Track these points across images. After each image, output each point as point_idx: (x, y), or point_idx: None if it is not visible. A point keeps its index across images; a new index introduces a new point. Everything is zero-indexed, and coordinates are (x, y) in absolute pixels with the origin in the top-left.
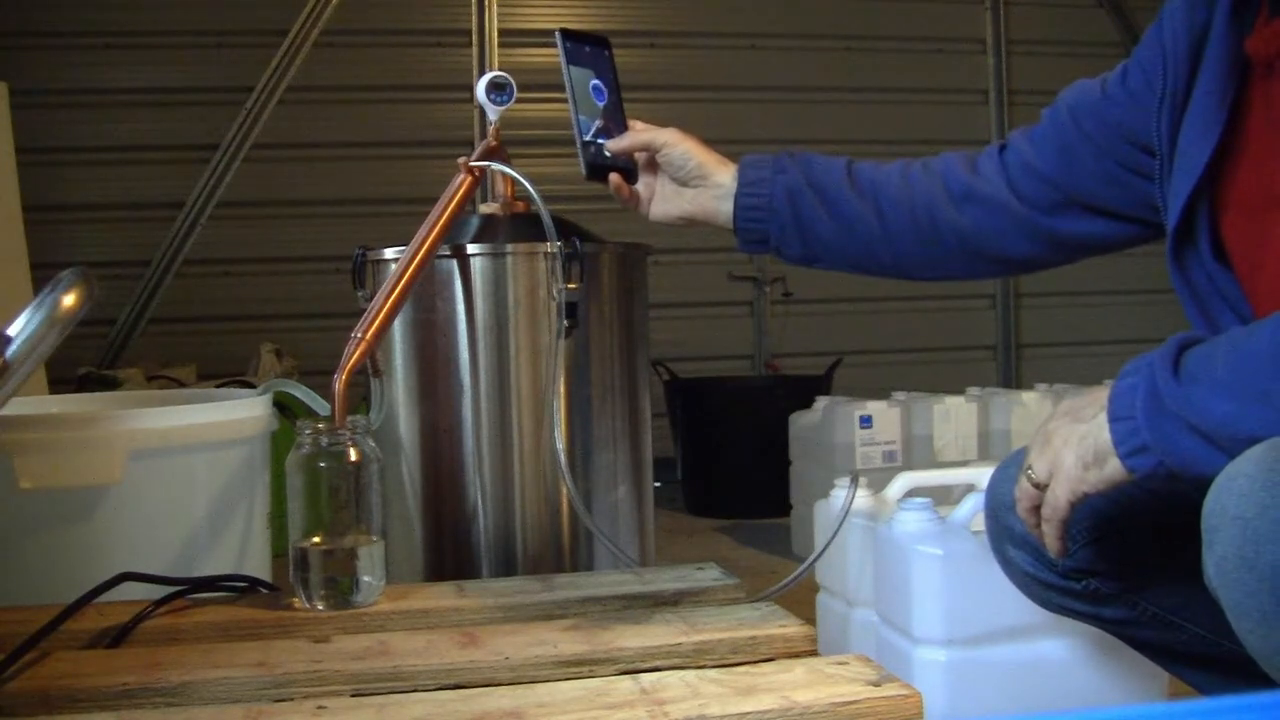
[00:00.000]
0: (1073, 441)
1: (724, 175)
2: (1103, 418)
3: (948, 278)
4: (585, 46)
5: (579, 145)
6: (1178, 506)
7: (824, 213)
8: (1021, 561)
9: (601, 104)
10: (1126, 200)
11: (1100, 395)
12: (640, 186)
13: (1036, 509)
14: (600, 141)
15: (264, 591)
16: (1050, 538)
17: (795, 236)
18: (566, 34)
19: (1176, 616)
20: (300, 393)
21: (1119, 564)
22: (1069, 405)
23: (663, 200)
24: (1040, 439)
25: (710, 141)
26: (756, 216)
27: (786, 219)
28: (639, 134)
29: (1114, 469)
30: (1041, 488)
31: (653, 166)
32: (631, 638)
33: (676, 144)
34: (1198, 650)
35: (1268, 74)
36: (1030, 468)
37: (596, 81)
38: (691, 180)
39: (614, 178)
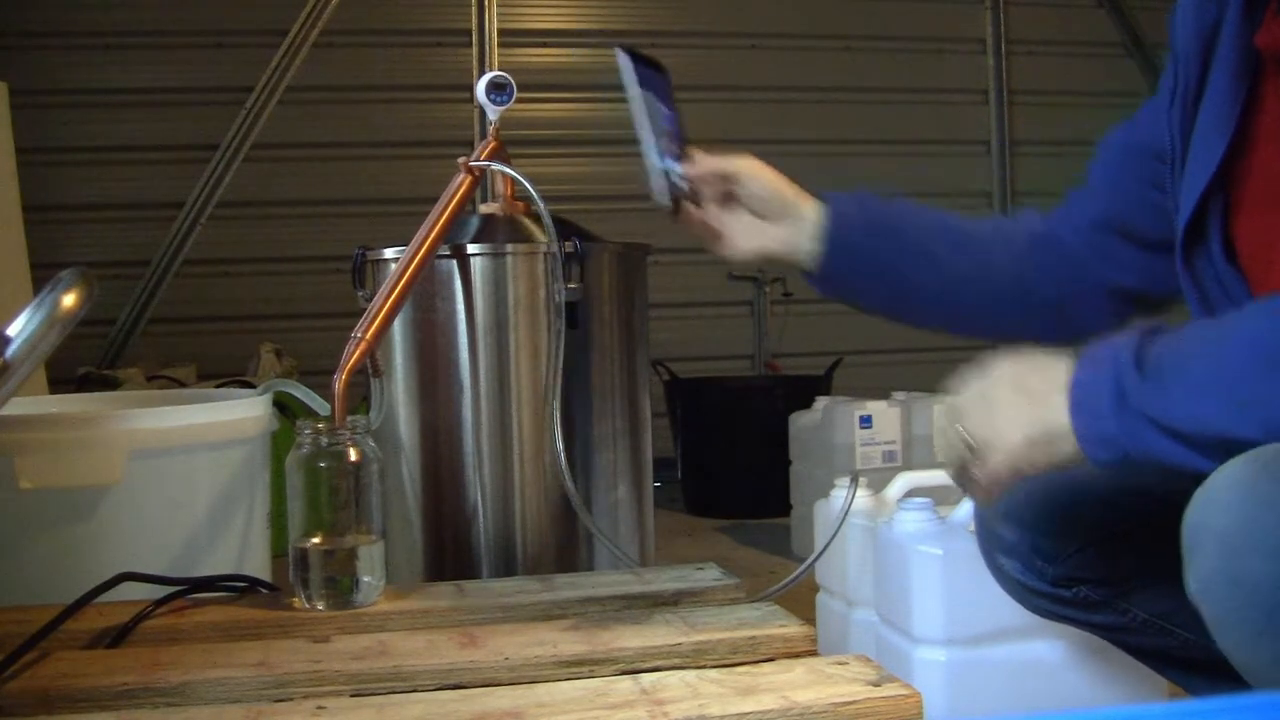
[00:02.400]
0: (1022, 421)
1: (808, 209)
2: (1060, 403)
3: (1038, 338)
4: (649, 69)
5: (651, 172)
6: (1165, 514)
7: (916, 259)
8: (1012, 570)
9: (668, 129)
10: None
11: (1054, 375)
12: (712, 219)
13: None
14: (675, 168)
15: (264, 591)
16: (980, 498)
17: (880, 282)
18: (631, 53)
19: (1167, 622)
20: (300, 393)
21: (1107, 571)
22: (1014, 375)
23: (745, 235)
24: (980, 404)
25: (711, 141)
26: (841, 255)
27: (871, 261)
28: (716, 161)
29: (1067, 454)
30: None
31: (725, 197)
32: (631, 638)
33: (758, 174)
34: (1190, 655)
35: (1279, 69)
36: (969, 434)
37: (662, 106)
38: (773, 214)
39: (694, 210)
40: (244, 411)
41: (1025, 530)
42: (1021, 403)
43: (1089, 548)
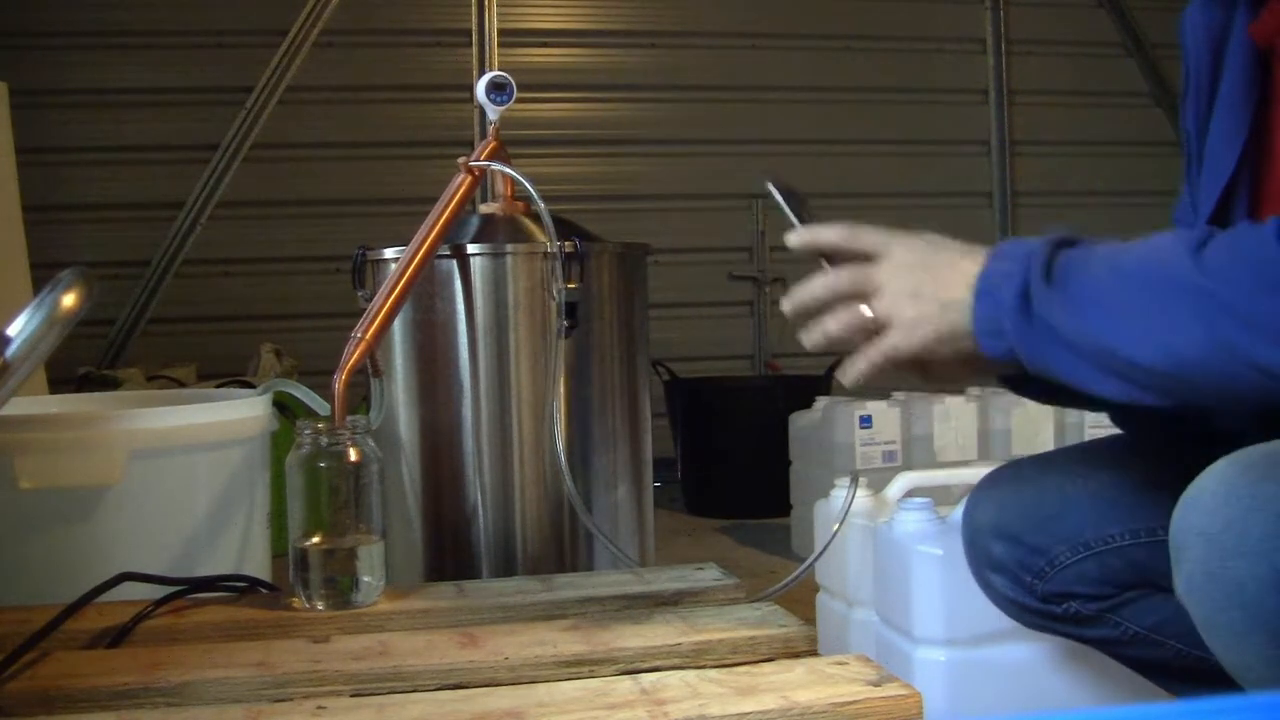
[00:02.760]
0: (927, 303)
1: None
2: (966, 287)
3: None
4: (796, 198)
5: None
6: (1154, 524)
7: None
8: (1002, 586)
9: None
10: None
11: (962, 263)
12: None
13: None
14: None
15: (264, 591)
16: (863, 373)
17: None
18: (781, 186)
19: (1160, 634)
20: (300, 393)
21: (1098, 586)
22: (924, 256)
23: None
24: (889, 278)
25: (711, 142)
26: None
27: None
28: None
29: (961, 340)
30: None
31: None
32: (631, 638)
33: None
34: (1186, 665)
35: (1274, 58)
36: (871, 304)
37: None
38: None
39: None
40: (244, 411)
41: (1015, 546)
42: (927, 283)
43: (1079, 563)
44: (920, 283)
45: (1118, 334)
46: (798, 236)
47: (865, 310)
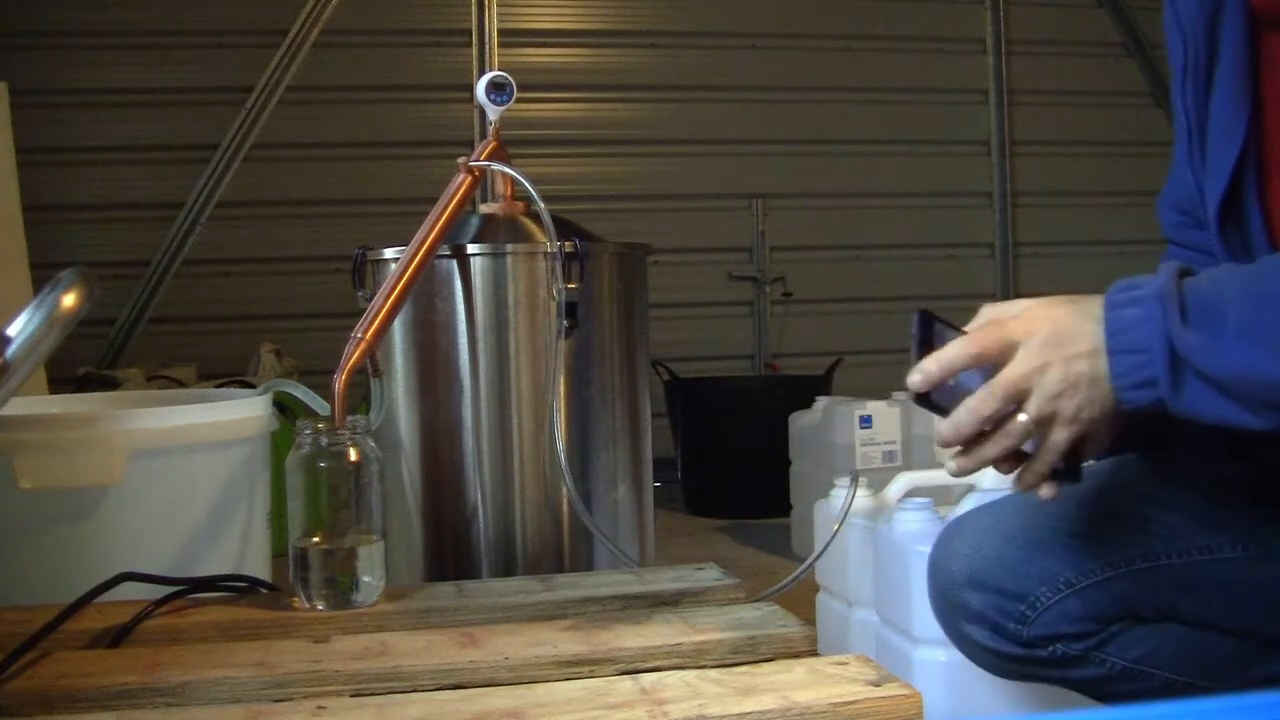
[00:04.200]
0: (1085, 395)
1: None
2: (1103, 359)
3: None
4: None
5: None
6: (1136, 549)
7: None
8: (980, 637)
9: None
10: None
11: (1085, 327)
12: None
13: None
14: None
15: (264, 591)
16: (1037, 474)
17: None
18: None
19: (1147, 665)
20: (300, 393)
21: (1083, 624)
22: (1049, 337)
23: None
24: (1026, 376)
25: (711, 142)
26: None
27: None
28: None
29: (1111, 405)
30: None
31: None
32: (631, 638)
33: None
34: (1174, 695)
35: (1274, 29)
36: (1027, 414)
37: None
38: None
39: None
40: (244, 411)
41: (993, 594)
42: (1069, 368)
43: (1061, 601)
44: (1064, 373)
45: (1272, 364)
46: (921, 376)
47: (1023, 419)
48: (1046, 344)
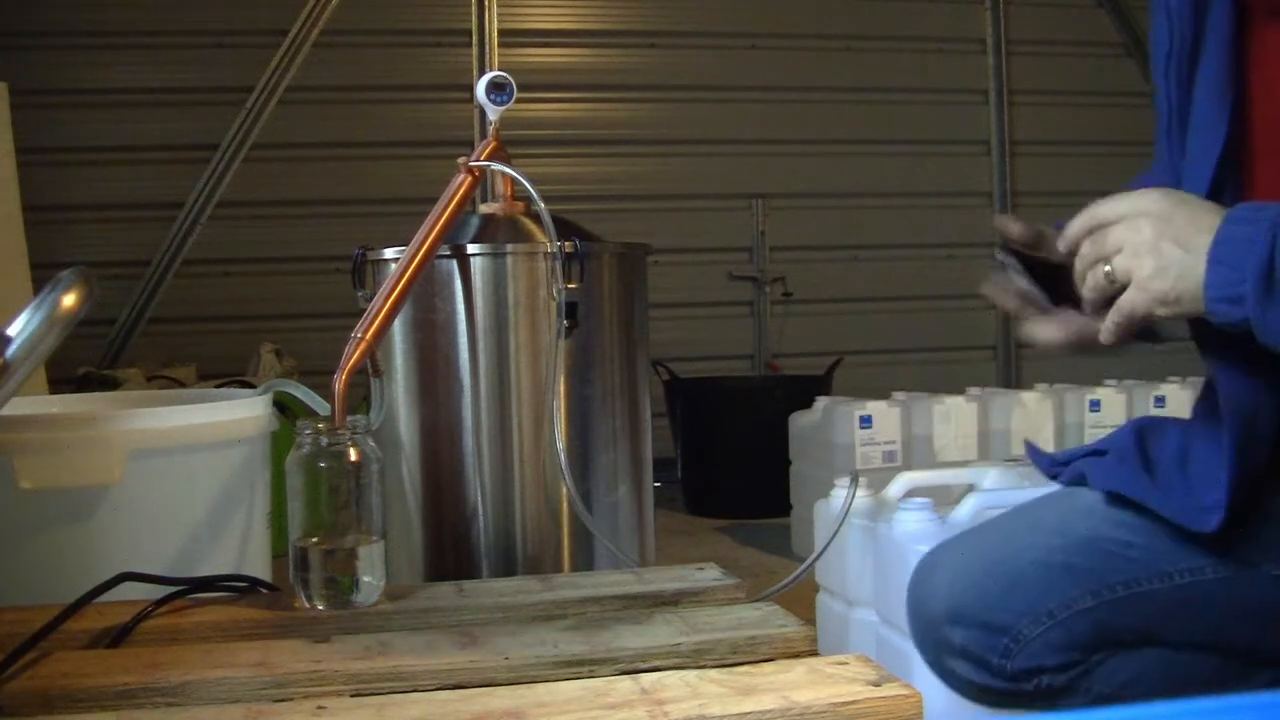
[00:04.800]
0: (1171, 270)
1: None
2: (1202, 248)
3: None
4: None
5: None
6: (1120, 572)
7: None
8: (965, 672)
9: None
10: None
11: (1203, 217)
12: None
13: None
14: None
15: (264, 591)
16: (1110, 332)
17: None
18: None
19: (1130, 691)
20: (300, 393)
21: (1068, 653)
22: (1164, 208)
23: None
24: (1129, 236)
25: (711, 142)
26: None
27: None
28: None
29: (1193, 308)
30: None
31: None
32: (631, 638)
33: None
34: None
35: (1270, 16)
36: (1113, 268)
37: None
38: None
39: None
40: (244, 411)
41: (976, 629)
42: (1173, 250)
43: (1045, 633)
44: (1159, 234)
45: None
46: (1063, 241)
47: (1104, 268)
48: (1159, 214)
